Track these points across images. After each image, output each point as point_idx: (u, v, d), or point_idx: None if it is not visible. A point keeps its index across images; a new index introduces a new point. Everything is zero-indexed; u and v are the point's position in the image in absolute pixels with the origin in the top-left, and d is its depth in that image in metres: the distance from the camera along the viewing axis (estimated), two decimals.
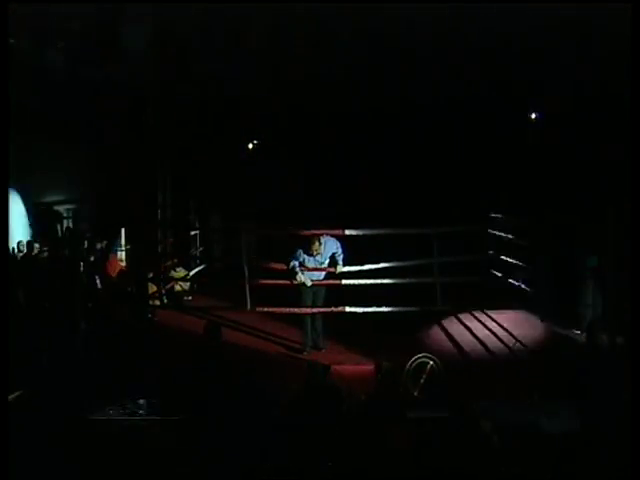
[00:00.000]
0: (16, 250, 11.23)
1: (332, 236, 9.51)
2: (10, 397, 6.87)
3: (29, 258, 11.01)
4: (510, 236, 10.89)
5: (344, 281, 9.72)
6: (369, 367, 7.67)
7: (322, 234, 9.41)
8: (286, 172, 15.58)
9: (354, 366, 8.08)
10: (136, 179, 14.71)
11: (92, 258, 10.95)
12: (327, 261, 9.44)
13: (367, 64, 9.66)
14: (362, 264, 9.93)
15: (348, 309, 9.76)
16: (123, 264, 12.29)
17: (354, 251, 9.82)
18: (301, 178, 15.61)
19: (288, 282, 9.53)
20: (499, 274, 11.14)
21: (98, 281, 10.57)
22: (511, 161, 13.65)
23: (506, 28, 7.86)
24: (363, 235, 10.02)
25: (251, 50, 8.76)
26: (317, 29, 8.01)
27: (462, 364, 8.00)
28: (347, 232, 9.86)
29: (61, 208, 14.76)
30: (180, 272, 13.01)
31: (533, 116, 11.59)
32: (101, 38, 7.57)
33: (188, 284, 12.88)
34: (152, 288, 11.33)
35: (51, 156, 13.37)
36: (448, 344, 8.77)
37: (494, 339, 9.00)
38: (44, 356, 8.36)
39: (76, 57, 8.61)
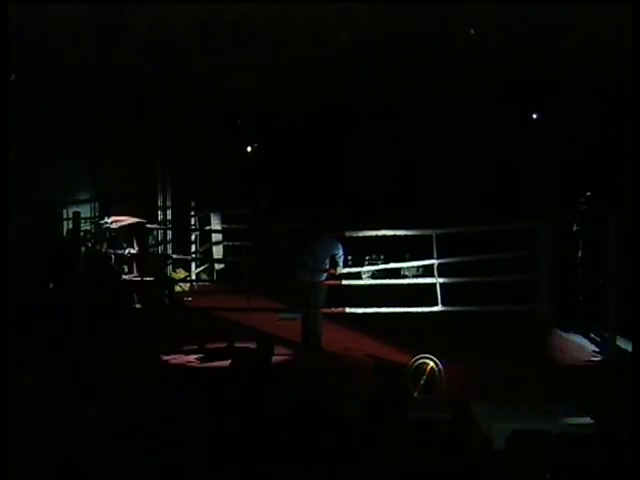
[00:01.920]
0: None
1: (333, 237, 9.46)
2: None
3: None
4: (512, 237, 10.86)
5: (343, 282, 9.71)
6: (369, 367, 7.62)
7: (320, 233, 9.36)
8: (286, 173, 15.60)
9: (354, 367, 8.04)
10: (137, 180, 14.74)
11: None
12: (327, 262, 9.38)
13: (368, 60, 9.68)
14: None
15: (348, 310, 9.73)
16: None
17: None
18: (302, 179, 15.60)
19: (287, 282, 9.53)
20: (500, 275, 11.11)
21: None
22: (512, 162, 13.69)
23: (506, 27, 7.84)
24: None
25: (251, 51, 8.72)
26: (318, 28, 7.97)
27: (463, 365, 7.96)
28: (347, 233, 9.87)
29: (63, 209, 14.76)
30: (180, 273, 13.02)
31: (535, 116, 11.51)
32: (100, 37, 7.53)
33: (188, 285, 12.89)
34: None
35: (54, 157, 13.37)
36: (448, 345, 8.73)
37: (495, 340, 8.97)
38: None
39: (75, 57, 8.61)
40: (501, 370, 7.86)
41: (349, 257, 11.49)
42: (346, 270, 9.63)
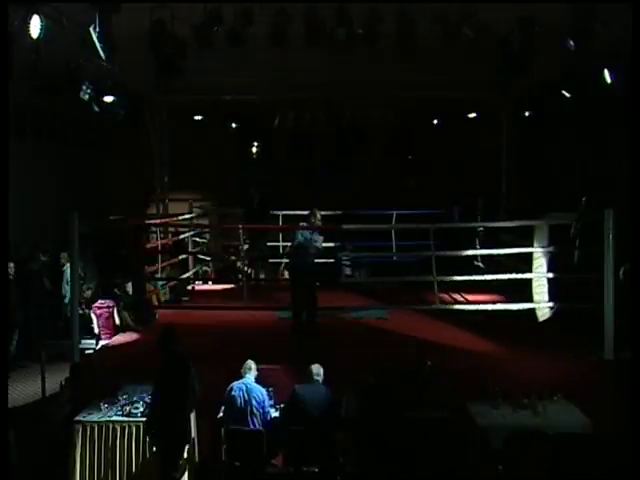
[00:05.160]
0: None
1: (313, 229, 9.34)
2: None
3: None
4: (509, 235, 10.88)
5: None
6: (366, 367, 7.63)
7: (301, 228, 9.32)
8: (286, 173, 15.66)
9: (351, 366, 8.04)
10: (135, 179, 14.75)
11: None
12: (312, 251, 9.23)
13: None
14: None
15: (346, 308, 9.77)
16: None
17: None
18: (301, 179, 15.67)
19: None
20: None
21: None
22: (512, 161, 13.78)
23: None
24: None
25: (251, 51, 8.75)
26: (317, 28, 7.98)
27: (461, 364, 7.97)
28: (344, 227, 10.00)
29: None
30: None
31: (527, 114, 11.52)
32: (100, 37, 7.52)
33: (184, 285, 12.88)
34: (149, 288, 11.28)
35: (48, 157, 13.37)
36: (447, 344, 8.74)
37: (494, 340, 8.98)
38: None
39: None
40: (499, 370, 7.87)
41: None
42: None
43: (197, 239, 14.42)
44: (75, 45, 7.88)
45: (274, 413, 7.26)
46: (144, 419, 6.81)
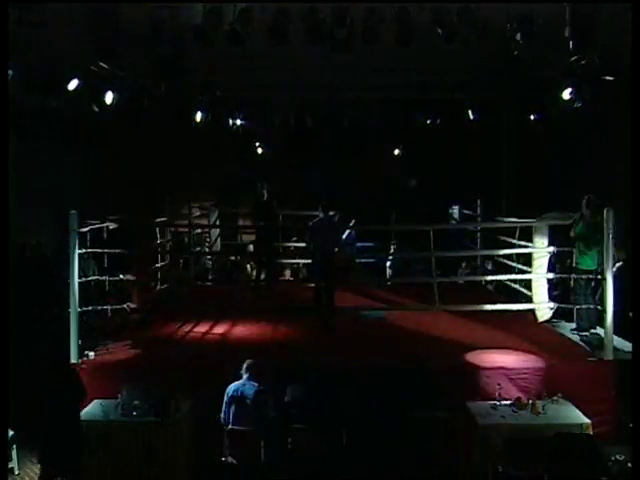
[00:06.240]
0: None
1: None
2: None
3: None
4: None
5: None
6: (366, 368, 7.63)
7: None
8: (286, 173, 15.65)
9: (352, 366, 8.03)
10: (137, 178, 14.70)
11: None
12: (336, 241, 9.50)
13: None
14: None
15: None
16: None
17: None
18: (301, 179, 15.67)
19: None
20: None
21: None
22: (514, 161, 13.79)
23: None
24: None
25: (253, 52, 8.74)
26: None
27: (461, 364, 7.97)
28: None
29: None
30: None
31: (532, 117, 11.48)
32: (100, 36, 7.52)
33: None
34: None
35: (51, 157, 13.33)
36: (446, 344, 8.73)
37: (493, 339, 8.97)
38: None
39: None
40: (499, 369, 7.86)
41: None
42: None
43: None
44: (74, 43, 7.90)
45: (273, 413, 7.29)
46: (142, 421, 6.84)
